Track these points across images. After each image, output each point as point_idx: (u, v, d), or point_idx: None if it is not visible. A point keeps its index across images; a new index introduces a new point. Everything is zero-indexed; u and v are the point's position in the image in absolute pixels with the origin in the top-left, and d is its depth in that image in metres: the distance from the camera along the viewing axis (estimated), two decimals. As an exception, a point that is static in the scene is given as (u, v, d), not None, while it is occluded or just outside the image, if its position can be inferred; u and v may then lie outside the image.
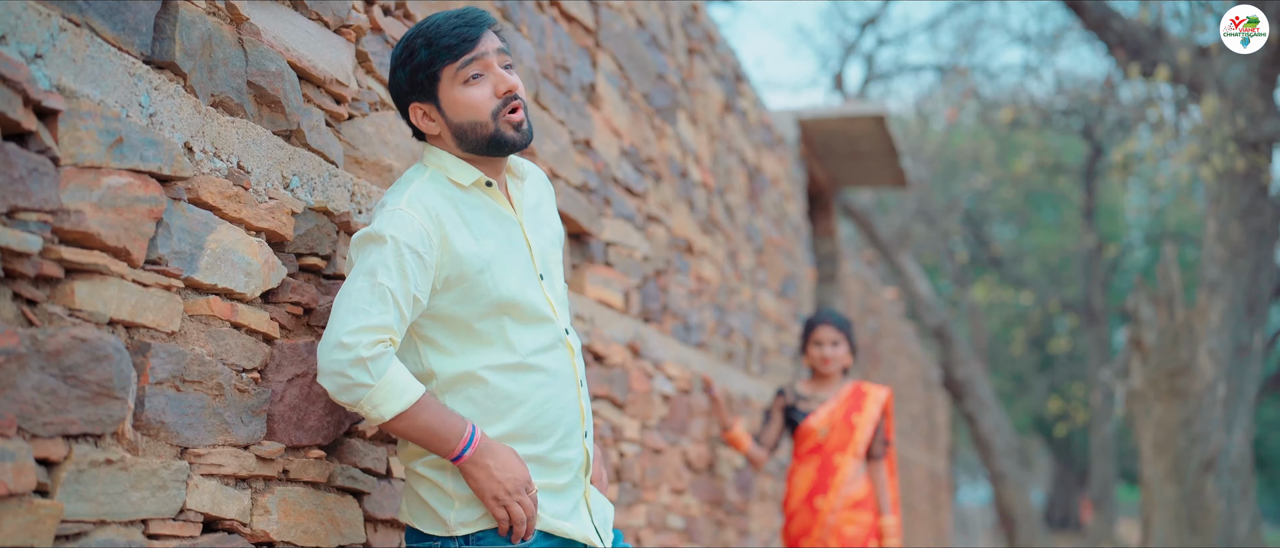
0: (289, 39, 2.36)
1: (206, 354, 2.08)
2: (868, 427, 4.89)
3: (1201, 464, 8.95)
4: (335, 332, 2.15)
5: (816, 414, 4.96)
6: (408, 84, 2.35)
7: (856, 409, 4.93)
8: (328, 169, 2.47)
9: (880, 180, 8.95)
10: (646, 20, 4.56)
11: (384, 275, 2.18)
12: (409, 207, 2.25)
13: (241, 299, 2.19)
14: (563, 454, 2.37)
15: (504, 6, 3.33)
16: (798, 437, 5.01)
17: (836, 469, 4.84)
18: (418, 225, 2.23)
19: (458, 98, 2.32)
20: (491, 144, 2.35)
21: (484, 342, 2.31)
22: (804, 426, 4.96)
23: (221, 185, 2.13)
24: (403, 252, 2.20)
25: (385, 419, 2.17)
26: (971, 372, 14.17)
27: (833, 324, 4.99)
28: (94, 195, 1.82)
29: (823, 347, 4.99)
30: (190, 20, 2.07)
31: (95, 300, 1.83)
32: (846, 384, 5.02)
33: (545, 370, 2.35)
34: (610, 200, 4.08)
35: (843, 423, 4.90)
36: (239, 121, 2.20)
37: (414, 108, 2.37)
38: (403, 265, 2.20)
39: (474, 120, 2.33)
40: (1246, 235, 8.73)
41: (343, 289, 2.20)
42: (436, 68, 2.32)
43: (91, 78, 1.84)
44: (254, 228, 2.23)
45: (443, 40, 2.30)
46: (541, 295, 2.39)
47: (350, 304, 2.16)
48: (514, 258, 2.37)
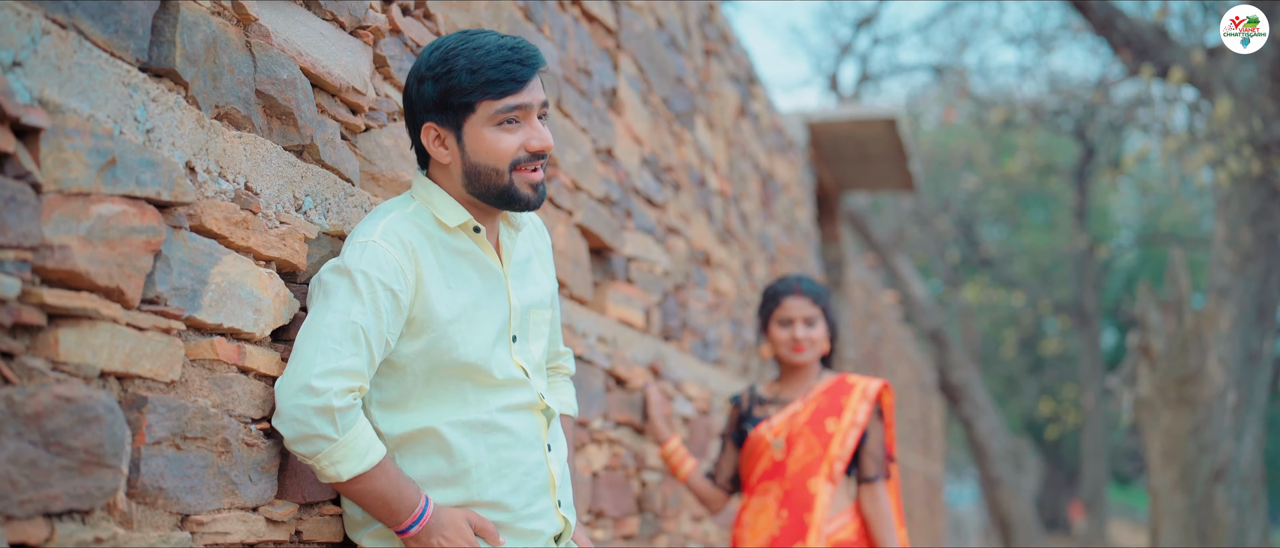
0: (302, 42, 2.09)
1: (211, 406, 1.80)
2: (850, 434, 3.39)
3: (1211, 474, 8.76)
4: (302, 372, 1.89)
5: (771, 420, 3.48)
6: (434, 100, 2.08)
7: (833, 410, 3.43)
8: (343, 188, 2.20)
9: (888, 184, 8.72)
10: (666, 20, 4.29)
11: (357, 312, 1.93)
12: (383, 239, 2.00)
13: (249, 339, 1.92)
14: (533, 524, 2.15)
15: (526, 6, 3.06)
16: (746, 456, 3.53)
17: (811, 501, 3.36)
18: (392, 260, 1.99)
19: (484, 137, 2.07)
20: (501, 197, 2.11)
21: (442, 396, 2.08)
22: (751, 436, 3.50)
23: (227, 210, 1.86)
24: (376, 288, 1.96)
25: (340, 479, 1.92)
26: (968, 375, 13.97)
27: (805, 294, 3.49)
28: (82, 227, 1.54)
29: (792, 326, 3.48)
30: (192, 21, 1.79)
31: (83, 350, 1.56)
32: (824, 378, 3.54)
33: (508, 431, 2.12)
34: (631, 213, 3.82)
35: (810, 431, 3.41)
36: (246, 136, 1.93)
37: (429, 127, 2.11)
38: (376, 303, 1.96)
39: (492, 166, 2.08)
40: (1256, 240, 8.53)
41: (308, 323, 1.94)
42: (474, 98, 2.06)
43: (80, 89, 1.57)
44: (263, 257, 1.96)
45: (490, 72, 2.04)
46: (509, 358, 2.15)
47: (319, 341, 1.91)
48: (488, 315, 2.12)
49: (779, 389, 3.57)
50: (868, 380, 3.50)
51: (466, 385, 2.09)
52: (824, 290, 3.57)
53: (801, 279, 3.55)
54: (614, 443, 3.54)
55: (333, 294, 1.95)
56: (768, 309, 3.54)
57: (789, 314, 3.48)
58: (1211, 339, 8.74)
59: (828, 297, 3.56)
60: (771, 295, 3.54)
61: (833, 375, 3.54)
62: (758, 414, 3.54)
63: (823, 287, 3.58)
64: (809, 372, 3.54)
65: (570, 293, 3.29)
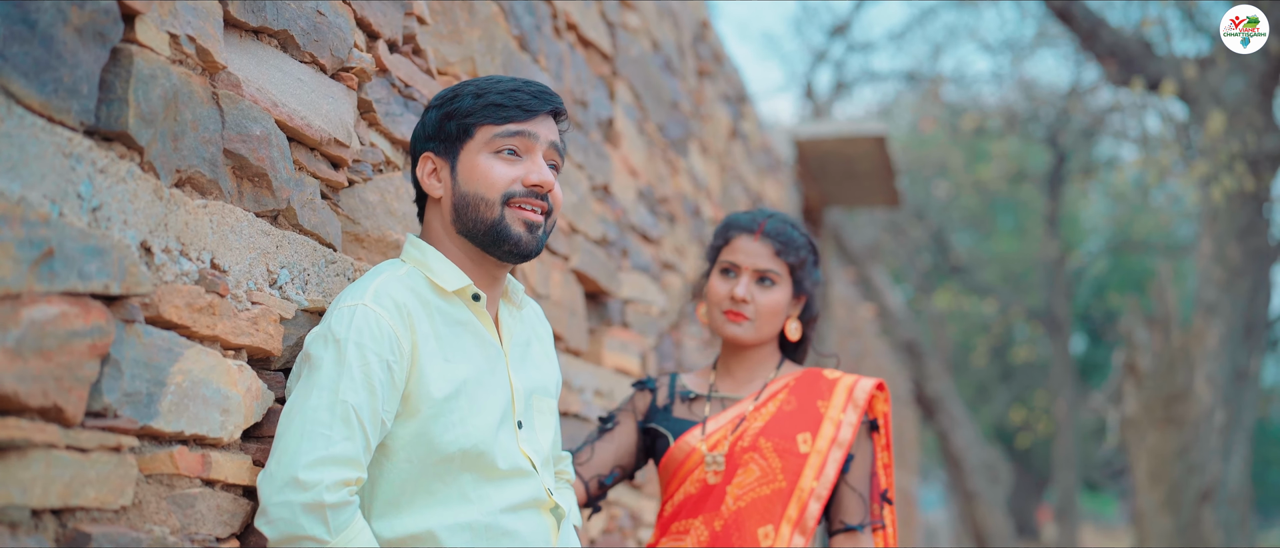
0: (277, 91, 1.80)
1: (169, 533, 1.52)
2: (833, 458, 2.29)
3: (1199, 495, 8.60)
4: (288, 463, 1.62)
5: (707, 425, 2.37)
6: (433, 128, 1.87)
7: (805, 418, 2.34)
8: (324, 255, 1.92)
9: (874, 200, 8.50)
10: (661, 41, 4.02)
11: (347, 389, 1.66)
12: (375, 303, 1.73)
13: (216, 445, 1.63)
14: None
15: (520, 35, 2.78)
16: (665, 475, 2.40)
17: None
18: (385, 327, 1.71)
19: (477, 164, 1.84)
20: (490, 234, 1.84)
21: (438, 492, 1.79)
22: (674, 448, 2.36)
23: (190, 295, 1.57)
24: (368, 359, 1.69)
25: None
26: (944, 387, 13.79)
27: (770, 236, 2.38)
28: (9, 338, 1.25)
29: (738, 275, 2.38)
30: (149, 74, 1.50)
31: (10, 488, 1.27)
32: (787, 370, 2.44)
33: (514, 535, 1.82)
34: (628, 251, 3.55)
35: (770, 448, 2.31)
36: (213, 204, 1.64)
37: (426, 158, 1.88)
38: (369, 378, 1.68)
39: (480, 196, 1.83)
40: (1244, 255, 8.39)
41: (291, 404, 1.67)
42: (473, 121, 1.84)
43: (8, 165, 1.28)
44: (232, 346, 1.67)
45: (493, 96, 1.84)
46: (516, 446, 1.87)
47: (305, 425, 1.64)
48: (490, 394, 1.85)
49: (717, 381, 2.43)
50: (855, 379, 2.37)
51: (466, 479, 1.80)
52: (801, 241, 2.40)
53: (773, 216, 2.41)
54: (610, 505, 3.27)
55: (318, 369, 1.68)
56: (714, 248, 2.43)
57: (736, 259, 2.37)
58: (1199, 357, 8.58)
59: (806, 252, 2.40)
60: (721, 230, 2.43)
61: (795, 371, 2.43)
62: (681, 415, 2.39)
63: (803, 235, 2.42)
64: (762, 358, 2.42)
65: (566, 346, 3.02)
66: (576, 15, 3.20)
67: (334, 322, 1.72)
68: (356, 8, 2.03)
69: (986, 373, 23.35)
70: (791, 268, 2.36)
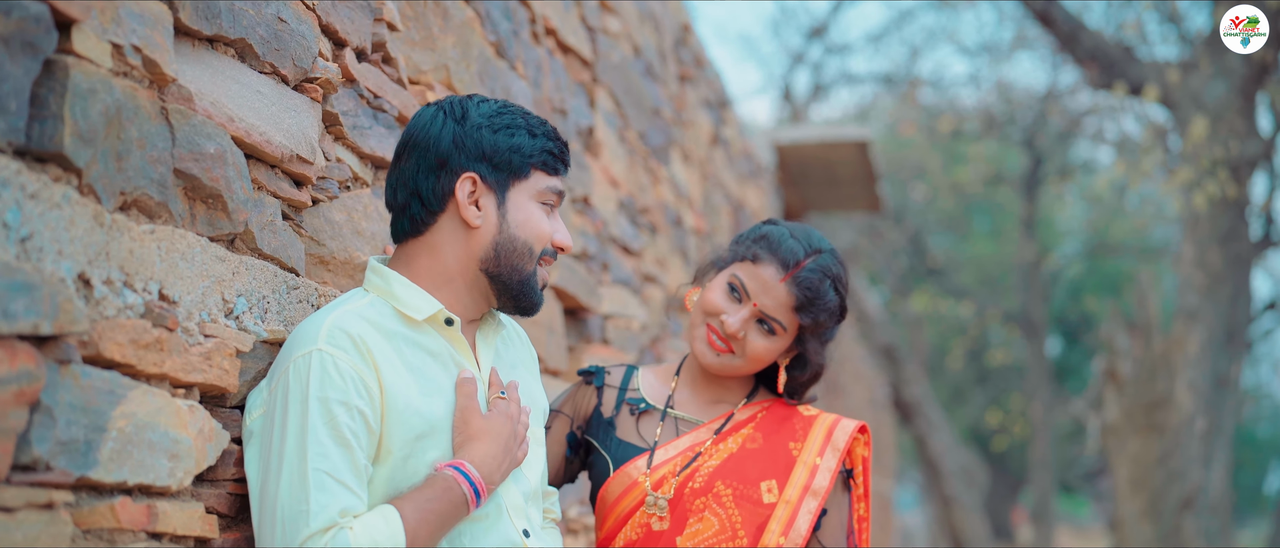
0: (234, 105, 1.65)
1: (110, 596, 1.37)
2: (805, 511, 2.01)
3: (1180, 502, 8.54)
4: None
5: (655, 454, 2.08)
6: (489, 149, 1.71)
7: (773, 461, 2.07)
8: (285, 280, 1.77)
9: (855, 205, 8.42)
10: (642, 46, 3.89)
11: (317, 457, 1.53)
12: (329, 344, 1.59)
13: (164, 494, 1.49)
14: None
15: (497, 41, 2.64)
16: (602, 509, 2.12)
17: None
18: (347, 369, 1.58)
19: (532, 213, 1.75)
20: (520, 286, 1.76)
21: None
22: (613, 479, 2.09)
23: (134, 330, 1.42)
24: (335, 413, 1.55)
25: None
26: (921, 392, 13.74)
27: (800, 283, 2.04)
28: (-78, 389, 1.11)
29: (742, 304, 2.06)
30: (88, 88, 1.35)
31: (-75, 557, 1.13)
32: (758, 402, 2.17)
33: None
34: (608, 265, 3.42)
35: (728, 494, 2.03)
36: (161, 230, 1.49)
37: (469, 179, 1.71)
38: (337, 433, 1.55)
39: (528, 246, 1.75)
40: (1226, 261, 8.33)
41: (260, 494, 1.56)
42: (532, 163, 1.75)
43: (-80, 193, 1.14)
44: (183, 384, 1.53)
45: (547, 142, 1.76)
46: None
47: (283, 509, 1.52)
48: None
49: (677, 392, 2.14)
50: (835, 418, 2.11)
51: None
52: (831, 304, 2.06)
53: (820, 256, 2.06)
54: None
55: (284, 438, 1.54)
56: (737, 254, 2.09)
57: (749, 287, 2.04)
58: (1180, 364, 8.52)
59: (829, 318, 2.07)
60: (755, 240, 2.08)
61: (771, 397, 2.16)
62: (627, 436, 2.09)
63: (837, 296, 2.07)
64: (735, 381, 2.16)
65: (546, 365, 2.88)
66: (556, 20, 3.06)
67: (290, 378, 1.58)
68: (321, 13, 1.89)
69: (962, 376, 23.34)
70: (802, 328, 2.06)
